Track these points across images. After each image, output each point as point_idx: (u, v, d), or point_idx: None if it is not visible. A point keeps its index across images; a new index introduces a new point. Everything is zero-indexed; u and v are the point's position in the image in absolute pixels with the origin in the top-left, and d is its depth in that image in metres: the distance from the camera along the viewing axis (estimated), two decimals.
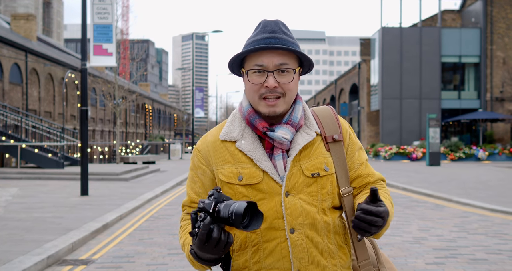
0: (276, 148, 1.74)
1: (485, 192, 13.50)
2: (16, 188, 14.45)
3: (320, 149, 1.78)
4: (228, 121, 1.85)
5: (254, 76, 1.74)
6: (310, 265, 1.71)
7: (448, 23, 39.52)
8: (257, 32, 1.76)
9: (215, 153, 1.79)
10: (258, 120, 1.75)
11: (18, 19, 33.25)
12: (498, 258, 6.51)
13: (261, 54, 1.73)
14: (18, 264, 5.79)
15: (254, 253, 1.73)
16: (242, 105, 1.83)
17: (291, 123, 1.75)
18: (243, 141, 1.76)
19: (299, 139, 1.76)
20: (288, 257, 1.70)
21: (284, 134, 1.72)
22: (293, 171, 1.73)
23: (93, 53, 16.20)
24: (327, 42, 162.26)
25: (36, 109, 29.23)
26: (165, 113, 71.66)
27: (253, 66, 1.74)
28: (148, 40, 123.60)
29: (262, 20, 1.79)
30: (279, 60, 1.72)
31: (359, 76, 40.28)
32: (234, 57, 1.77)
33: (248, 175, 1.72)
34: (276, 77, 1.72)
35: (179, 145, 42.20)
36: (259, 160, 1.73)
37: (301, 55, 1.76)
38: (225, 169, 1.76)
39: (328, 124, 1.83)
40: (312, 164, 1.74)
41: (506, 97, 35.12)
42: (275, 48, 1.70)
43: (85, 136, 12.87)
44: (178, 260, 6.43)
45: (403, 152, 31.63)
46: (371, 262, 1.84)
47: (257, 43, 1.73)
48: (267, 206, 1.71)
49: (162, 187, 15.25)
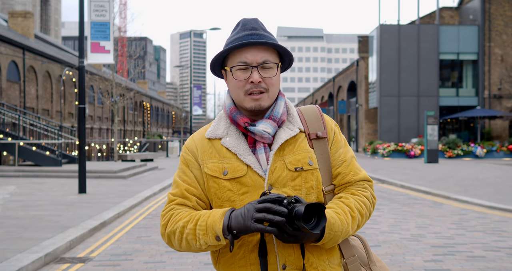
0: (258, 142, 1.78)
1: (483, 189, 13.51)
2: (13, 185, 14.43)
3: (304, 145, 1.80)
4: (214, 121, 1.90)
5: (239, 73, 1.77)
6: (296, 259, 1.72)
7: (446, 21, 39.53)
8: (238, 30, 1.80)
9: (202, 150, 1.82)
10: (240, 116, 1.79)
11: (15, 17, 33.18)
12: (496, 255, 6.51)
13: (244, 50, 1.77)
14: (16, 262, 5.78)
15: (239, 248, 1.74)
16: (225, 104, 1.88)
17: (272, 118, 1.79)
18: (228, 138, 1.80)
19: (282, 134, 1.79)
20: (274, 252, 1.71)
21: (265, 128, 1.76)
22: (276, 165, 1.75)
23: (91, 51, 16.17)
24: (325, 39, 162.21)
25: (34, 107, 29.18)
26: (163, 111, 71.62)
27: (237, 63, 1.77)
28: (146, 37, 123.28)
29: (241, 19, 1.83)
30: (262, 56, 1.76)
31: (357, 73, 40.28)
32: (218, 56, 1.81)
33: (233, 169, 1.75)
34: (260, 72, 1.76)
35: (177, 143, 42.17)
36: (242, 154, 1.76)
37: (282, 49, 1.80)
38: (211, 163, 1.79)
39: (312, 122, 1.86)
40: (295, 158, 1.77)
41: (504, 94, 35.15)
42: (258, 43, 1.74)
43: (83, 134, 12.83)
44: (176, 257, 6.42)
45: (401, 149, 31.65)
46: (362, 261, 1.86)
47: (240, 40, 1.76)
48: (250, 199, 1.73)
49: (160, 185, 15.24)
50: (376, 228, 8.33)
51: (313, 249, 1.75)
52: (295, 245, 1.72)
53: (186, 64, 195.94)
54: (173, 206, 1.81)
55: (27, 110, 27.17)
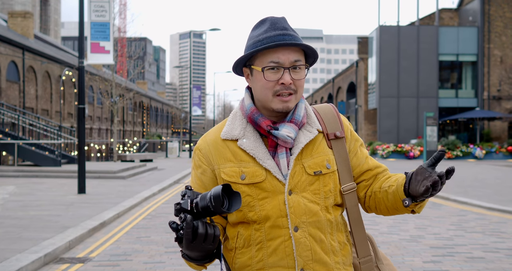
0: (280, 146, 1.74)
1: (483, 191, 13.52)
2: (13, 186, 14.42)
3: (322, 147, 1.78)
4: (228, 120, 1.85)
5: (269, 73, 1.72)
6: (313, 263, 1.71)
7: (446, 22, 39.55)
8: (267, 29, 1.74)
9: (216, 152, 1.78)
10: (262, 119, 1.75)
11: (15, 17, 33.16)
12: (495, 256, 6.52)
13: (276, 51, 1.72)
14: (15, 262, 5.78)
15: (257, 251, 1.72)
16: (244, 103, 1.82)
17: (294, 121, 1.75)
18: (245, 140, 1.75)
19: (301, 137, 1.76)
20: (292, 255, 1.70)
21: (288, 132, 1.72)
22: (295, 169, 1.73)
23: (90, 51, 16.18)
24: (325, 40, 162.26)
25: (33, 107, 29.17)
26: (163, 112, 71.58)
27: (268, 63, 1.72)
28: (146, 38, 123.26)
29: (268, 17, 1.78)
30: (294, 57, 1.72)
31: (357, 74, 40.30)
32: (245, 57, 1.76)
33: (251, 173, 1.72)
34: (291, 73, 1.72)
35: (177, 143, 42.17)
36: (261, 158, 1.72)
37: (311, 51, 1.77)
38: (227, 167, 1.75)
39: (329, 122, 1.84)
40: (314, 162, 1.75)
41: (503, 95, 35.18)
42: (291, 44, 1.71)
43: (82, 134, 12.84)
44: (175, 258, 6.43)
45: (400, 150, 31.67)
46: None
47: (271, 40, 1.71)
48: (270, 205, 1.71)
49: (159, 185, 15.24)
50: (375, 229, 8.33)
51: (330, 252, 1.74)
52: (313, 249, 1.71)
53: (186, 64, 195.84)
54: None
55: (26, 110, 27.16)
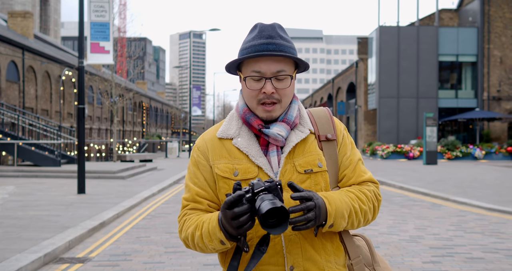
0: (271, 145, 1.78)
1: (482, 191, 13.53)
2: (12, 185, 14.43)
3: (314, 147, 1.81)
4: (226, 120, 1.90)
5: (252, 82, 1.76)
6: (303, 260, 1.72)
7: (446, 22, 39.56)
8: (254, 37, 1.76)
9: (212, 149, 1.83)
10: (253, 118, 1.79)
11: (15, 17, 33.16)
12: (494, 257, 6.52)
13: (258, 60, 1.74)
14: (15, 262, 5.78)
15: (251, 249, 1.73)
16: (238, 104, 1.88)
17: (286, 121, 1.79)
18: (239, 139, 1.80)
19: (293, 137, 1.79)
20: (282, 253, 1.72)
21: (279, 131, 1.76)
22: (286, 168, 1.76)
23: (90, 51, 16.18)
24: (325, 40, 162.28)
25: (33, 107, 29.16)
26: (162, 112, 71.58)
27: (250, 72, 1.75)
28: (145, 38, 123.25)
29: (258, 24, 1.79)
30: (276, 67, 1.74)
31: (357, 75, 40.30)
32: (231, 63, 1.80)
33: (244, 170, 1.76)
34: (273, 83, 1.74)
35: (176, 143, 42.18)
36: (254, 156, 1.76)
37: (298, 60, 1.78)
38: (222, 164, 1.79)
39: (322, 124, 1.87)
40: (305, 160, 1.78)
41: (503, 96, 35.19)
42: (273, 55, 1.72)
43: (82, 134, 12.84)
44: (175, 258, 6.43)
45: (400, 150, 31.67)
46: (366, 261, 1.86)
47: (255, 49, 1.73)
48: None
49: (159, 185, 15.24)
50: (374, 229, 8.34)
51: (321, 250, 1.75)
52: (303, 247, 1.72)
53: (186, 65, 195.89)
54: (186, 211, 1.84)
55: (26, 110, 27.16)
